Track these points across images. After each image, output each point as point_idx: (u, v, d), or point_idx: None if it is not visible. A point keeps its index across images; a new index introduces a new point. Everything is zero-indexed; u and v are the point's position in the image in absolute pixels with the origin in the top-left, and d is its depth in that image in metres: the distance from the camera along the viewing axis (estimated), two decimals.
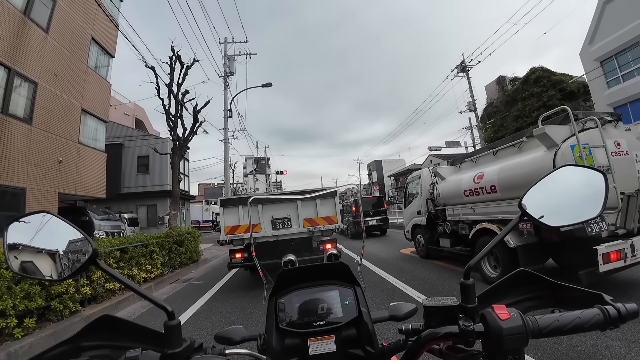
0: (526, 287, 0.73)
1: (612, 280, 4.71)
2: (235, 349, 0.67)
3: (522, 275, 0.73)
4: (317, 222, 6.58)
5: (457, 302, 0.65)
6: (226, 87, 17.78)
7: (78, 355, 0.65)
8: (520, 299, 0.72)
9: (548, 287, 0.70)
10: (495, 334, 0.57)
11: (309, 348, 0.77)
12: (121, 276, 0.65)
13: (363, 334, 0.79)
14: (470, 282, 0.64)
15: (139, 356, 0.55)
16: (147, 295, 0.65)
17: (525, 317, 0.59)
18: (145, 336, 0.68)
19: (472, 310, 0.62)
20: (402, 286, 5.94)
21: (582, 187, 0.71)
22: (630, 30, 16.48)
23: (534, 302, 0.72)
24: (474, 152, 7.71)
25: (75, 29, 12.43)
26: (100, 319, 0.67)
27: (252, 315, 4.98)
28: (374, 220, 16.56)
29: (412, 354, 0.66)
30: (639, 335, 3.14)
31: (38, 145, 10.52)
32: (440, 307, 0.65)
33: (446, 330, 0.61)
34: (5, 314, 3.95)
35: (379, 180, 66.31)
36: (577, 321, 0.59)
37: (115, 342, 0.67)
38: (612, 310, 0.59)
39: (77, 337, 0.65)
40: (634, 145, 4.88)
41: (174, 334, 0.59)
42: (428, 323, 0.66)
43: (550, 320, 0.59)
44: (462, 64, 21.48)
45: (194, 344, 0.62)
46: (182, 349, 0.58)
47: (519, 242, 5.07)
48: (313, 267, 0.89)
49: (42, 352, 0.60)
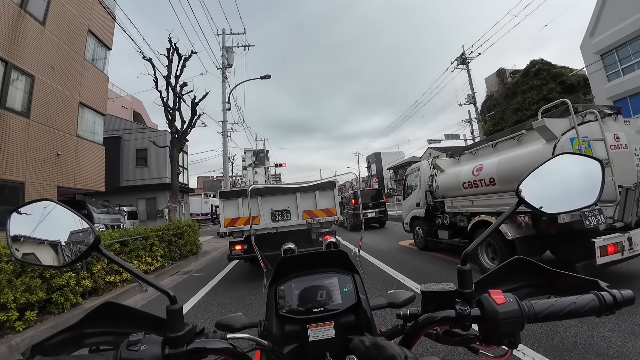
0: (523, 274, 0.73)
1: (610, 273, 4.74)
2: (237, 334, 0.68)
3: (519, 262, 0.73)
4: (316, 214, 6.61)
5: (454, 287, 0.65)
6: (224, 79, 17.66)
7: (81, 341, 0.66)
8: (517, 285, 0.72)
9: (544, 275, 0.71)
10: (491, 318, 0.58)
11: (308, 334, 0.78)
12: (123, 262, 0.65)
13: (362, 320, 0.80)
14: (467, 268, 0.65)
15: (142, 339, 0.55)
16: (149, 280, 0.66)
17: (520, 302, 0.59)
18: (148, 322, 0.69)
19: (468, 295, 0.63)
20: (400, 277, 5.98)
21: (578, 176, 0.71)
22: (631, 24, 16.35)
23: (530, 289, 0.73)
24: (473, 144, 7.70)
25: (72, 21, 12.29)
26: (102, 305, 0.68)
27: (252, 306, 5.03)
28: (372, 212, 16.60)
29: (410, 338, 0.67)
30: (635, 327, 3.17)
31: (36, 139, 10.47)
32: (438, 292, 0.65)
33: (443, 315, 0.62)
34: (7, 307, 3.97)
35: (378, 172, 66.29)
36: (573, 306, 0.59)
37: (118, 328, 0.68)
38: (608, 296, 0.59)
39: (79, 324, 0.66)
40: (633, 138, 4.89)
41: (176, 318, 0.60)
42: (425, 308, 0.66)
43: (546, 305, 0.60)
44: (462, 56, 21.37)
45: (195, 329, 0.63)
46: (184, 333, 0.59)
47: (516, 234, 5.10)
48: (312, 254, 0.90)
49: (46, 339, 0.60)
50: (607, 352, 2.80)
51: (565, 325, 3.33)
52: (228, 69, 17.95)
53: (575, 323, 3.36)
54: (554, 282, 0.70)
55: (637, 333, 3.05)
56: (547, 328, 3.32)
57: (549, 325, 3.35)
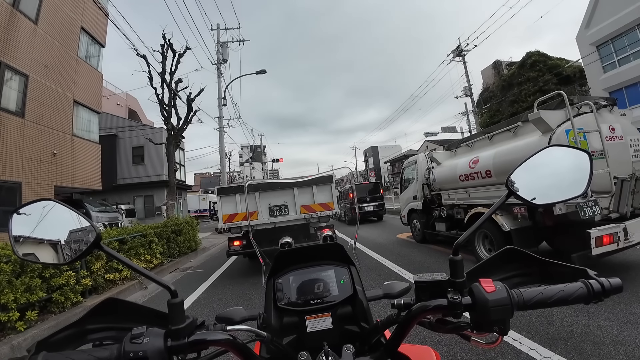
0: (514, 264, 0.75)
1: (605, 263, 4.79)
2: (236, 326, 0.70)
3: (510, 252, 0.75)
4: (314, 209, 6.63)
5: (447, 277, 0.67)
6: (220, 74, 17.57)
7: (84, 337, 0.67)
8: (508, 275, 0.74)
9: (535, 264, 0.72)
10: (481, 306, 0.60)
11: (306, 325, 0.80)
12: (124, 258, 0.67)
13: (358, 311, 0.82)
14: (458, 258, 0.66)
15: (145, 332, 0.57)
16: (150, 275, 0.67)
17: (510, 290, 0.61)
18: (149, 316, 0.71)
19: (460, 285, 0.65)
20: (398, 270, 6.02)
21: (567, 167, 0.72)
22: (627, 15, 16.36)
23: (521, 278, 0.74)
24: (470, 137, 7.72)
25: (65, 19, 12.16)
26: (104, 301, 0.69)
27: (252, 301, 5.06)
28: (370, 206, 16.66)
29: (404, 327, 0.68)
30: (630, 316, 3.21)
31: (31, 139, 10.41)
32: (430, 282, 0.67)
33: (436, 303, 0.64)
34: (7, 308, 3.97)
35: (375, 166, 66.23)
36: (561, 294, 0.61)
37: (120, 323, 0.69)
38: (596, 285, 0.60)
39: (82, 320, 0.67)
40: (629, 130, 4.92)
41: (177, 311, 0.61)
42: (419, 297, 0.68)
43: (535, 293, 0.61)
44: (458, 48, 21.33)
45: (196, 321, 0.64)
46: (186, 325, 0.61)
47: (513, 226, 5.14)
48: (309, 247, 0.91)
49: (49, 336, 0.62)
50: (602, 340, 2.83)
51: (561, 315, 3.38)
52: (223, 64, 17.85)
53: (570, 312, 3.40)
54: (544, 271, 0.72)
55: (633, 322, 3.09)
56: (543, 317, 3.37)
57: (545, 315, 3.40)
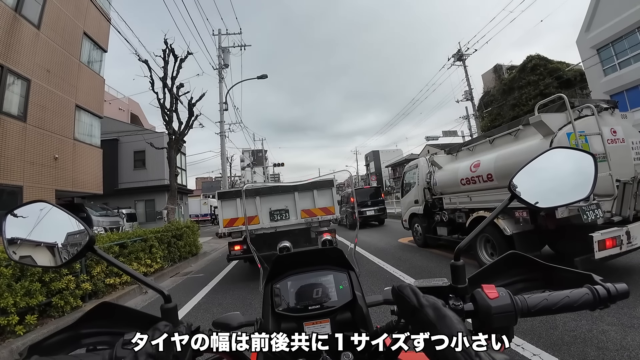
0: (517, 269, 0.73)
1: (608, 267, 4.76)
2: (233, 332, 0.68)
3: (513, 257, 0.73)
4: (314, 213, 6.61)
5: (448, 283, 0.66)
6: (221, 79, 17.64)
7: (78, 341, 0.66)
8: (511, 280, 0.72)
9: (538, 269, 0.71)
10: (484, 313, 0.58)
11: (304, 331, 0.78)
12: (117, 261, 0.66)
13: (358, 317, 0.80)
14: (460, 263, 0.65)
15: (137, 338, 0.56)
16: (143, 279, 0.66)
17: (513, 296, 0.59)
18: (144, 321, 0.69)
19: (462, 291, 0.63)
20: (400, 275, 5.99)
21: (571, 169, 0.71)
22: (627, 18, 16.36)
23: (525, 283, 0.72)
24: (471, 140, 7.71)
25: (67, 24, 12.25)
26: (99, 306, 0.68)
27: (252, 306, 5.03)
28: (371, 210, 16.61)
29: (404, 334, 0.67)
30: (634, 320, 3.18)
31: (33, 143, 10.45)
32: (431, 287, 0.65)
33: None
34: (7, 312, 3.97)
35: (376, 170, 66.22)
36: (566, 300, 0.59)
37: (115, 328, 0.68)
38: (602, 290, 0.59)
39: (76, 324, 0.66)
40: (630, 132, 4.90)
41: (171, 316, 0.60)
42: None
43: (539, 300, 0.60)
44: (459, 52, 21.40)
45: (191, 327, 0.63)
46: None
47: (515, 230, 5.11)
48: (307, 252, 0.90)
49: (43, 339, 0.61)
50: (606, 345, 2.80)
51: (564, 320, 3.35)
52: (224, 69, 17.93)
53: (574, 317, 3.37)
54: (548, 277, 0.70)
55: (637, 326, 3.06)
56: (546, 322, 3.33)
57: (548, 320, 3.36)
